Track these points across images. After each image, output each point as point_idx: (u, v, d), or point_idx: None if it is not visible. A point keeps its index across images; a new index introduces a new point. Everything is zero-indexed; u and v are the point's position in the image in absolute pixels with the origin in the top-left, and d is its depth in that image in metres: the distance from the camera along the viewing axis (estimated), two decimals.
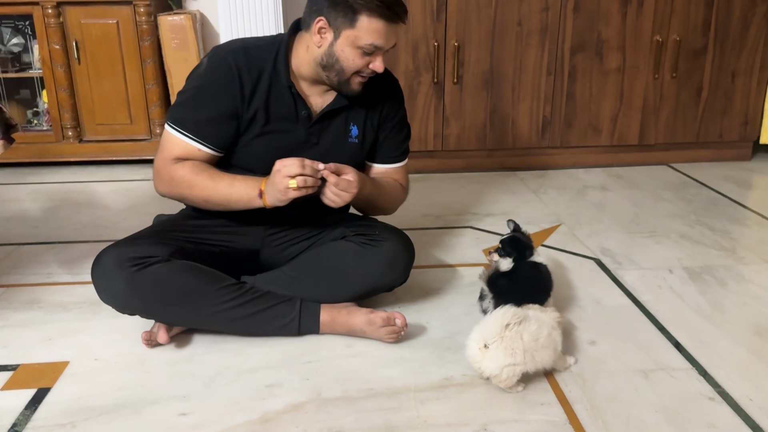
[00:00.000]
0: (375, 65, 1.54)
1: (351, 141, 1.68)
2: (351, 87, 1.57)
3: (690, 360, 1.54)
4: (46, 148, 3.00)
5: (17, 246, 2.19)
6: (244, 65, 1.56)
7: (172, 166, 1.57)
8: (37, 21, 2.84)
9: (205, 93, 1.56)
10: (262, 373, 1.48)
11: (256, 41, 1.64)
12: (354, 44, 1.50)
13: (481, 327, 1.44)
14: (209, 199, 1.56)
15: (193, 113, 1.56)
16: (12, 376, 1.48)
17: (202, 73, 1.59)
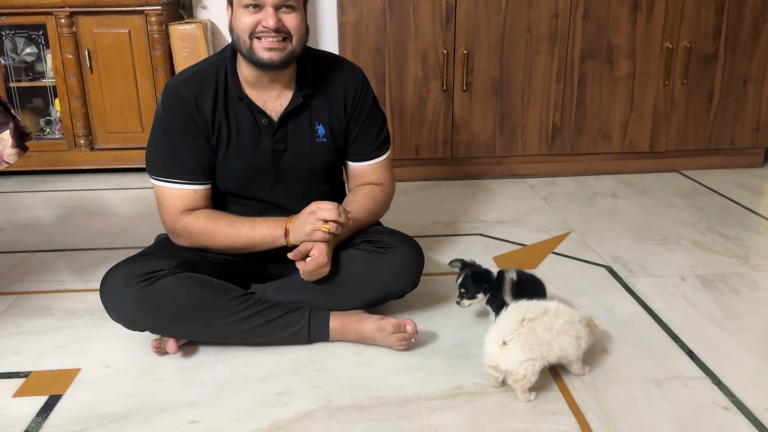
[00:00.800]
0: (265, 22, 1.49)
1: (319, 141, 1.67)
2: (259, 55, 1.52)
3: (703, 369, 1.52)
4: (59, 156, 3.02)
5: (29, 253, 2.20)
6: (196, 91, 1.57)
7: (184, 220, 1.59)
8: (50, 31, 2.87)
9: (173, 134, 1.58)
10: (272, 381, 1.48)
11: (203, 63, 1.65)
12: (239, 5, 1.51)
13: (497, 324, 1.43)
14: (233, 245, 1.59)
15: (172, 158, 1.58)
16: (24, 383, 1.49)
17: (161, 114, 1.60)
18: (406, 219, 2.33)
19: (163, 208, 1.61)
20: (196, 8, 3.22)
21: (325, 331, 1.60)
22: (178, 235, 1.62)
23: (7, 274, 2.04)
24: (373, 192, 1.74)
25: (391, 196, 1.79)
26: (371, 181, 1.76)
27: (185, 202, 1.59)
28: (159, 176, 1.60)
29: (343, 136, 1.70)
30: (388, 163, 1.79)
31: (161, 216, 1.63)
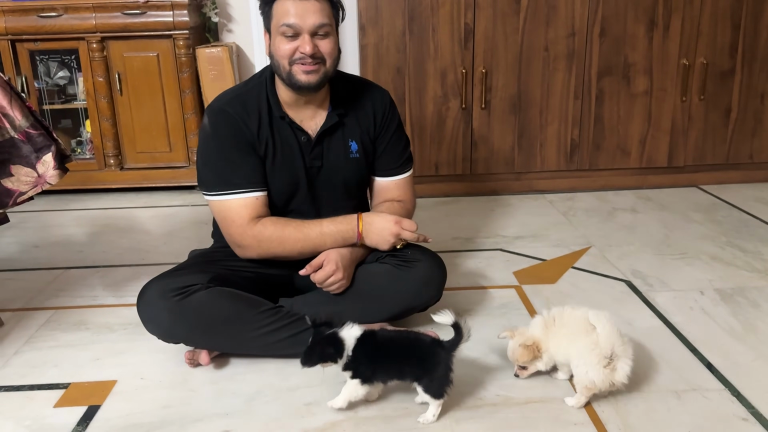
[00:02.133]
0: (302, 48, 1.57)
1: (353, 157, 1.75)
2: (297, 78, 1.60)
3: (722, 381, 1.55)
4: (89, 175, 3.12)
5: (64, 270, 2.28)
6: (242, 111, 1.65)
7: (253, 230, 1.64)
8: (82, 55, 2.98)
9: (227, 149, 1.65)
10: (300, 392, 1.53)
11: (244, 86, 1.73)
12: (277, 33, 1.58)
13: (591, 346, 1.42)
14: (303, 250, 1.66)
15: (230, 171, 1.64)
16: (64, 394, 1.55)
17: (210, 133, 1.66)
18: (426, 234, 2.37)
19: (228, 223, 1.65)
20: (221, 32, 3.32)
21: None
22: (246, 247, 1.66)
23: (43, 290, 2.12)
24: (393, 208, 1.80)
25: (411, 212, 1.85)
26: (393, 197, 1.82)
27: (250, 211, 1.64)
28: (220, 191, 1.65)
29: (372, 152, 1.79)
30: (410, 181, 1.86)
31: (227, 231, 1.67)
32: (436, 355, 1.37)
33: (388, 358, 1.41)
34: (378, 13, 2.76)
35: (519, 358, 1.51)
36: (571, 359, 1.47)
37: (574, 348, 1.45)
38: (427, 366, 1.38)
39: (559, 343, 1.48)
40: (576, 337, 1.46)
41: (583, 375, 1.43)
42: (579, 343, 1.44)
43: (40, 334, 1.84)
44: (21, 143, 1.69)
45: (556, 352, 1.49)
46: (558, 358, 1.51)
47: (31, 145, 1.69)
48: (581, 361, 1.43)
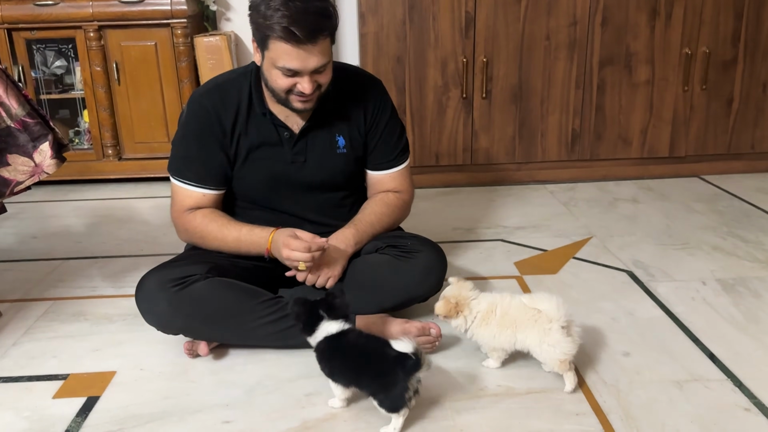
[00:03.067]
0: (302, 87, 1.52)
1: (339, 152, 1.72)
2: (292, 105, 1.58)
3: (725, 371, 1.54)
4: (87, 166, 3.10)
5: (62, 261, 2.27)
6: (219, 103, 1.63)
7: (185, 217, 1.69)
8: (79, 44, 2.95)
9: (191, 140, 1.66)
10: (300, 383, 1.52)
11: (229, 75, 1.71)
12: (273, 65, 1.52)
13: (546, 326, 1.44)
14: (221, 248, 1.68)
15: (187, 162, 1.67)
16: (63, 385, 1.54)
17: (183, 121, 1.69)
18: (427, 225, 2.36)
19: (172, 203, 1.73)
20: (220, 20, 3.30)
21: None
22: (178, 230, 1.74)
23: (42, 281, 2.11)
24: (387, 198, 1.78)
25: (407, 202, 1.83)
26: (389, 189, 1.80)
27: (191, 202, 1.69)
28: (173, 175, 1.71)
29: (362, 145, 1.75)
30: (407, 172, 1.83)
31: (170, 211, 1.74)
32: (393, 374, 1.30)
33: (345, 364, 1.38)
34: (378, 1, 2.74)
35: (435, 307, 1.53)
36: (530, 347, 1.47)
37: (531, 337, 1.46)
38: (382, 382, 1.32)
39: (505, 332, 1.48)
40: (526, 325, 1.46)
41: (555, 354, 1.44)
42: (533, 330, 1.46)
43: (38, 325, 1.83)
44: (18, 132, 1.68)
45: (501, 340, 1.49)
46: (504, 346, 1.51)
47: (28, 135, 1.68)
48: (545, 345, 1.45)
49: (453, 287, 1.53)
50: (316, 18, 1.46)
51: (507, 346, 1.50)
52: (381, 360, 1.33)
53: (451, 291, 1.53)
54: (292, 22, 1.43)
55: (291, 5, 1.43)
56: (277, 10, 1.44)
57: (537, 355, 1.48)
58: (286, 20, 1.43)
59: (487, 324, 1.50)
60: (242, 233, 1.65)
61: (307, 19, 1.44)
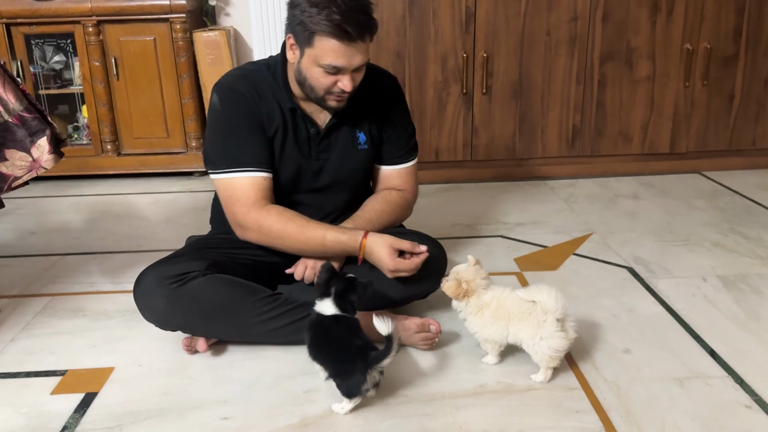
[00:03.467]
0: (343, 84, 1.53)
1: (361, 148, 1.71)
2: (328, 104, 1.59)
3: (725, 368, 1.54)
4: (86, 161, 3.09)
5: (61, 256, 2.26)
6: (253, 91, 1.61)
7: (258, 212, 1.58)
8: (78, 39, 2.94)
9: (237, 126, 1.60)
10: (299, 379, 1.52)
11: (251, 67, 1.67)
12: (316, 63, 1.51)
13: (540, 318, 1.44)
14: (301, 251, 1.62)
15: (240, 149, 1.59)
16: (61, 381, 1.54)
17: (220, 110, 1.61)
18: (427, 221, 2.35)
19: (233, 201, 1.60)
20: (219, 15, 3.28)
21: None
22: (247, 228, 1.60)
23: (40, 277, 2.10)
24: (389, 196, 1.77)
25: (410, 202, 1.83)
26: (394, 185, 1.79)
27: (256, 192, 1.59)
28: (227, 168, 1.59)
29: (378, 141, 1.75)
30: (413, 171, 1.83)
31: (230, 210, 1.61)
32: (352, 363, 1.34)
33: (315, 342, 1.42)
34: None
35: (444, 286, 1.54)
36: (523, 340, 1.47)
37: (524, 330, 1.46)
38: (340, 369, 1.37)
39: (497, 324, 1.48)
40: (520, 318, 1.46)
41: (546, 349, 1.44)
42: (527, 323, 1.45)
43: (36, 321, 1.82)
44: (15, 127, 1.66)
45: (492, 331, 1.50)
46: (495, 338, 1.51)
47: (26, 129, 1.67)
48: (537, 338, 1.44)
49: (468, 270, 1.52)
50: (365, 16, 1.48)
51: (498, 338, 1.50)
52: (343, 347, 1.37)
53: (465, 274, 1.52)
54: (345, 19, 1.44)
55: (341, 3, 1.44)
56: (326, 7, 1.44)
57: (528, 348, 1.47)
58: (338, 17, 1.44)
59: (482, 314, 1.50)
60: (327, 238, 1.57)
61: (358, 17, 1.46)
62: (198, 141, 3.09)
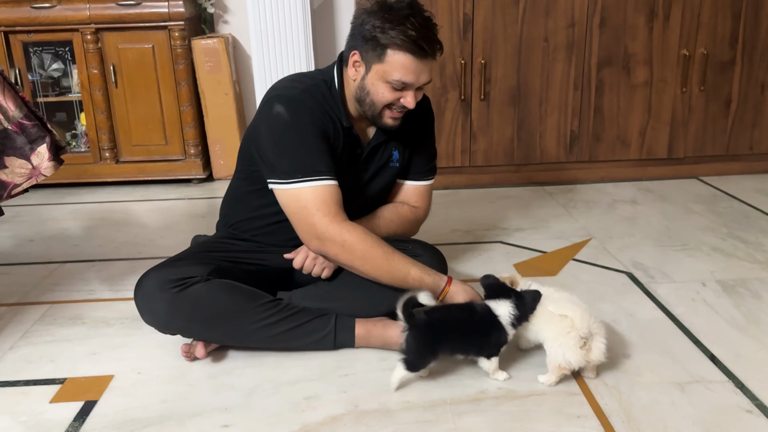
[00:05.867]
0: (406, 101, 1.55)
1: (392, 165, 1.74)
2: (384, 121, 1.60)
3: (726, 372, 1.54)
4: (85, 169, 3.09)
5: (59, 264, 2.26)
6: (317, 106, 1.59)
7: (340, 226, 1.53)
8: (76, 47, 2.95)
9: (310, 135, 1.55)
10: (300, 386, 1.51)
11: (309, 81, 1.63)
12: (383, 79, 1.52)
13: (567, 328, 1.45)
14: (380, 278, 1.57)
15: (315, 158, 1.55)
16: (60, 389, 1.53)
17: (290, 121, 1.55)
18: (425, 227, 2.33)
19: (311, 212, 1.53)
20: (217, 23, 3.29)
21: (351, 338, 1.63)
22: (327, 240, 1.53)
23: (39, 285, 2.10)
24: (401, 208, 1.79)
25: (420, 219, 1.84)
26: (409, 201, 1.81)
27: (335, 202, 1.54)
28: (305, 177, 1.53)
29: (408, 158, 1.77)
30: (429, 191, 1.84)
31: (307, 221, 1.54)
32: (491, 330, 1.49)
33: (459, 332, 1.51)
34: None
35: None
36: (544, 339, 1.49)
37: (549, 330, 1.47)
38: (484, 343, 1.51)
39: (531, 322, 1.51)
40: (550, 318, 1.47)
41: (560, 356, 1.45)
42: (554, 325, 1.47)
43: (35, 328, 1.81)
44: (15, 134, 1.66)
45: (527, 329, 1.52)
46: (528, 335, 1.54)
47: (26, 137, 1.67)
48: (557, 343, 1.46)
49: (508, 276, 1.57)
50: (436, 33, 1.52)
51: (530, 335, 1.53)
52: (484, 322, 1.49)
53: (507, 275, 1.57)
54: (421, 36, 1.47)
55: (414, 21, 1.47)
56: (401, 23, 1.46)
57: (547, 349, 1.49)
58: (414, 33, 1.46)
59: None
60: (411, 275, 1.54)
61: (431, 35, 1.50)
62: (197, 148, 3.09)
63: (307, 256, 1.65)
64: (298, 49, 2.91)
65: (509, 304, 1.48)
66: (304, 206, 1.54)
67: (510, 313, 1.47)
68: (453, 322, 1.48)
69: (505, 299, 1.49)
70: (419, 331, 1.44)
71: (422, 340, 1.44)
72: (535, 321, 1.50)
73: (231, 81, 3.08)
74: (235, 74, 3.16)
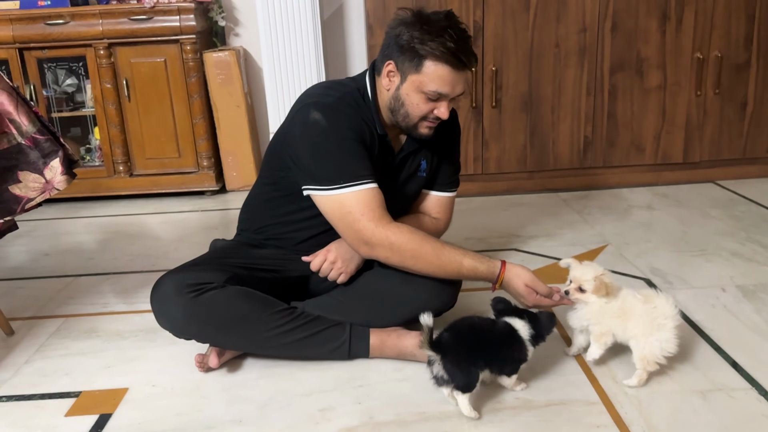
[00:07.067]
0: (439, 112, 1.55)
1: (420, 175, 1.73)
2: (419, 131, 1.60)
3: (749, 379, 1.50)
4: (99, 182, 3.11)
5: (74, 277, 2.27)
6: (354, 114, 1.59)
7: (387, 228, 1.52)
8: (89, 62, 2.97)
9: (349, 141, 1.55)
10: (314, 397, 1.50)
11: (343, 89, 1.62)
12: (419, 89, 1.52)
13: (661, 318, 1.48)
14: (434, 273, 1.57)
15: (356, 162, 1.54)
16: (75, 403, 1.53)
17: (328, 127, 1.54)
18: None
19: (356, 217, 1.52)
20: (228, 36, 3.31)
21: (365, 348, 1.62)
22: (375, 245, 1.53)
23: (54, 298, 2.11)
24: (423, 219, 1.78)
25: (441, 230, 1.83)
26: (430, 212, 1.81)
27: (379, 206, 1.53)
28: (347, 182, 1.52)
29: (436, 168, 1.77)
30: (451, 202, 1.84)
31: (353, 227, 1.53)
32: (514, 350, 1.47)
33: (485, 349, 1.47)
34: (386, 13, 2.74)
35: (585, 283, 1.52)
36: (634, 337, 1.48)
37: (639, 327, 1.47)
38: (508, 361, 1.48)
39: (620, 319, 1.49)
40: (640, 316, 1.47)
41: (657, 350, 1.46)
42: (645, 321, 1.46)
43: (50, 342, 1.82)
44: (28, 149, 1.68)
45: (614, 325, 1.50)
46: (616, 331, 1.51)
47: (39, 151, 1.68)
48: (652, 339, 1.46)
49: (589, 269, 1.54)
50: (471, 46, 1.53)
51: (617, 331, 1.50)
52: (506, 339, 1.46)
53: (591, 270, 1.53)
54: (459, 48, 1.48)
55: (452, 32, 1.48)
56: (439, 35, 1.47)
57: (635, 345, 1.48)
58: (453, 45, 1.47)
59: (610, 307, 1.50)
60: (464, 265, 1.55)
61: (467, 47, 1.51)
62: (209, 160, 3.11)
63: (325, 259, 1.64)
64: (309, 61, 2.92)
65: (525, 323, 1.47)
66: (349, 212, 1.53)
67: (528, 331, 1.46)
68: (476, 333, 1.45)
69: (519, 319, 1.47)
70: (453, 352, 1.39)
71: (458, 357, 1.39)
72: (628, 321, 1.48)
73: (243, 93, 3.09)
74: (247, 86, 3.17)
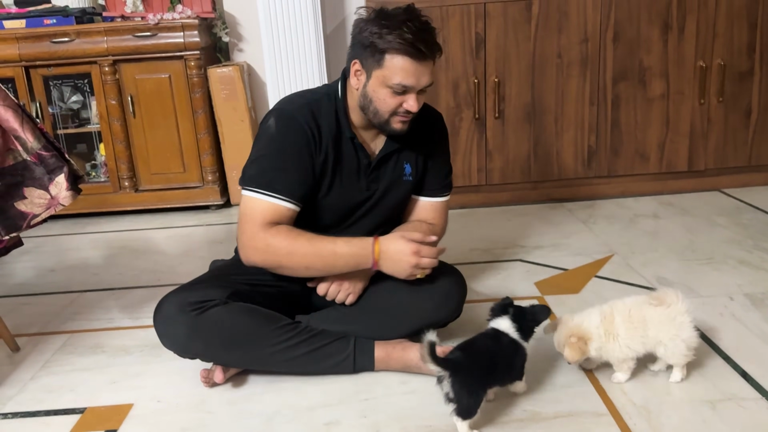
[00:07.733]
0: (408, 105, 1.54)
1: (405, 179, 1.72)
2: (392, 126, 1.59)
3: (759, 389, 1.48)
4: (104, 198, 3.12)
5: (80, 293, 2.27)
6: (313, 122, 1.59)
7: (265, 233, 1.54)
8: (94, 79, 2.99)
9: (286, 154, 1.57)
10: (320, 411, 1.49)
11: (312, 95, 1.65)
12: (384, 84, 1.52)
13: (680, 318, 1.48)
14: (311, 266, 1.56)
15: (278, 176, 1.56)
16: (80, 419, 1.52)
17: (275, 136, 1.58)
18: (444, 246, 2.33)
19: (247, 220, 1.56)
20: (232, 51, 3.33)
21: (370, 361, 1.61)
22: (255, 249, 1.55)
23: (59, 314, 2.11)
24: (421, 228, 1.76)
25: (438, 236, 1.81)
26: (425, 218, 1.79)
27: (272, 217, 1.55)
28: (258, 188, 1.55)
29: (422, 172, 1.76)
30: (445, 207, 1.83)
31: (242, 228, 1.57)
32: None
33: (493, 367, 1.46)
34: None
35: (568, 358, 1.48)
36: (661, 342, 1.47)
37: (664, 331, 1.46)
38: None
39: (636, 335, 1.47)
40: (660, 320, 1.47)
41: (684, 348, 1.47)
42: (666, 324, 1.46)
43: (56, 358, 1.82)
44: (33, 165, 1.68)
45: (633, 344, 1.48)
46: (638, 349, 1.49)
47: (44, 167, 1.69)
48: (678, 339, 1.46)
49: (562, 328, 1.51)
50: (433, 37, 1.53)
51: (639, 348, 1.49)
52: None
53: (564, 331, 1.50)
54: (417, 39, 1.48)
55: (411, 24, 1.49)
56: (397, 27, 1.48)
57: (665, 349, 1.47)
58: (411, 36, 1.47)
59: (616, 335, 1.48)
60: (338, 246, 1.55)
61: (428, 37, 1.51)
62: (214, 175, 3.12)
63: (332, 282, 1.63)
64: (312, 75, 2.93)
65: (508, 320, 1.46)
66: (246, 214, 1.56)
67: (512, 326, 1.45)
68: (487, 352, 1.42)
69: (504, 315, 1.47)
70: (465, 371, 1.35)
71: (469, 379, 1.35)
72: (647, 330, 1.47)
73: (247, 108, 3.10)
74: (251, 101, 3.18)
